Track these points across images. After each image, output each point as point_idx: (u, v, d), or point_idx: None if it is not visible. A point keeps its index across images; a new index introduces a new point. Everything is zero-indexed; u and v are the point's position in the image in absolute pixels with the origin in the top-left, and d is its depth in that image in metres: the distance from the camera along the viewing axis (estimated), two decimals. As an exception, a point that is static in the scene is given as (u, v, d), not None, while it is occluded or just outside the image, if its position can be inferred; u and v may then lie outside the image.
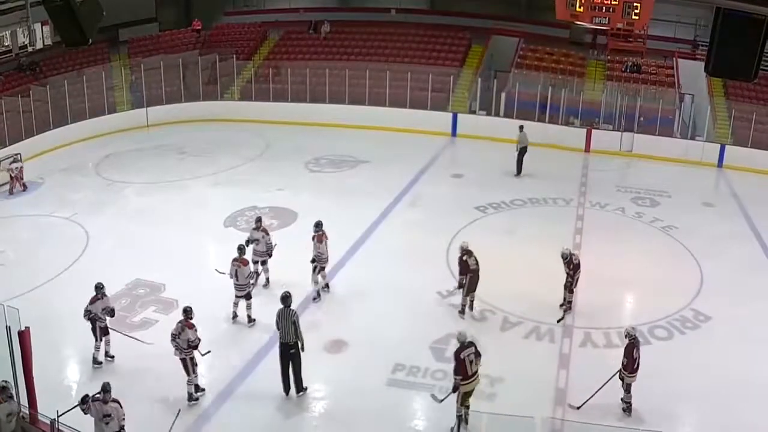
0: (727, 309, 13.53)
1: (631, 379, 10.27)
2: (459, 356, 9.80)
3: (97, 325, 11.27)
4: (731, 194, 20.65)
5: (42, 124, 23.00)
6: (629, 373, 10.22)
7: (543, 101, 24.39)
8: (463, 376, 9.76)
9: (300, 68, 26.92)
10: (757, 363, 11.72)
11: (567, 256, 13.07)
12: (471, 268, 12.82)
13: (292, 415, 10.57)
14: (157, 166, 21.63)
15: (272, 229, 16.25)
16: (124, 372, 11.20)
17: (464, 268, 12.85)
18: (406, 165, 21.60)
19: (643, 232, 17.56)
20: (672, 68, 25.59)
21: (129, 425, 8.68)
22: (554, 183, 20.41)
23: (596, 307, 13.53)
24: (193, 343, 10.41)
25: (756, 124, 22.78)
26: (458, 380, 9.76)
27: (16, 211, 18.19)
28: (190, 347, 10.42)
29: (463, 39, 28.41)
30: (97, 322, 11.25)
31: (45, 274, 14.37)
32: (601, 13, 25.33)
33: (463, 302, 13.12)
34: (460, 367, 9.76)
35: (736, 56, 6.00)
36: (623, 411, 10.38)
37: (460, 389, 9.79)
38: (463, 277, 12.89)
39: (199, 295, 13.56)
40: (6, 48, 25.93)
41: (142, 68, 26.02)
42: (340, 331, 12.48)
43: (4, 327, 8.66)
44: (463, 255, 12.91)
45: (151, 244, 15.82)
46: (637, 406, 10.38)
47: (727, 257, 15.97)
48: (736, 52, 5.98)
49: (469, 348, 9.90)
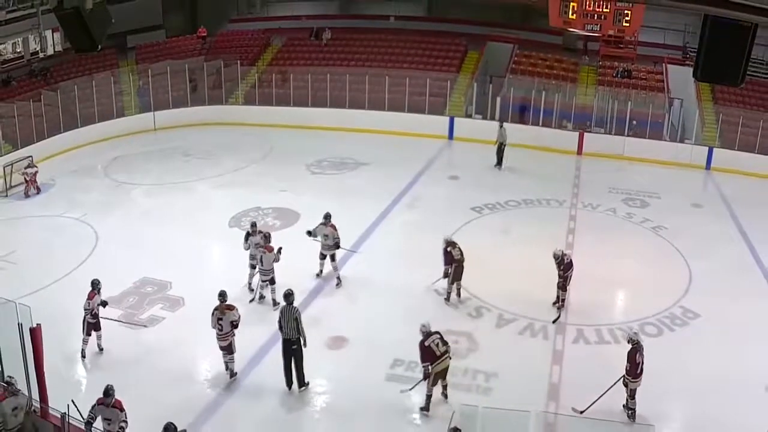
0: (715, 306, 13.52)
1: (636, 384, 10.03)
2: (424, 345, 10.14)
3: (87, 321, 11.41)
4: (719, 195, 20.65)
5: (53, 127, 23.00)
6: (633, 378, 9.98)
7: (537, 105, 24.40)
8: (431, 361, 10.08)
9: (302, 73, 26.92)
10: (744, 359, 11.71)
11: (559, 257, 13.13)
12: (456, 258, 13.25)
13: (295, 409, 10.58)
14: (163, 168, 21.63)
15: (275, 229, 16.34)
16: (129, 366, 11.22)
17: (449, 258, 13.26)
18: (405, 167, 21.59)
19: (634, 232, 17.56)
20: (661, 73, 25.60)
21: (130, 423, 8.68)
22: (547, 184, 20.40)
23: (588, 304, 13.52)
24: (236, 324, 10.76)
25: (743, 128, 22.78)
26: (427, 367, 10.08)
27: (27, 212, 18.20)
28: (233, 328, 10.75)
29: (459, 45, 28.41)
30: (87, 317, 11.39)
31: (56, 273, 14.38)
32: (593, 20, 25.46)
33: (449, 290, 13.49)
34: (427, 354, 10.09)
35: (724, 62, 5.99)
36: (628, 417, 10.13)
37: (432, 371, 10.08)
38: (448, 267, 13.28)
39: (204, 292, 13.59)
40: (18, 54, 26.01)
41: (149, 74, 26.02)
42: (340, 328, 12.48)
43: (16, 324, 8.67)
44: (447, 247, 13.33)
45: (157, 244, 15.83)
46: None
47: (715, 256, 15.97)
48: (723, 58, 5.97)
49: (434, 335, 10.26)
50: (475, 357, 11.78)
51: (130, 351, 11.70)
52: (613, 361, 11.56)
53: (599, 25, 24.06)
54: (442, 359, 10.20)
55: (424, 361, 10.12)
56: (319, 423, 10.48)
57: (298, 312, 10.71)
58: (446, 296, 13.49)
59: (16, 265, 14.90)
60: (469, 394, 10.70)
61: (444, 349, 10.22)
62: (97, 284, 11.53)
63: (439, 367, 10.19)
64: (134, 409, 8.71)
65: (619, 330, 12.65)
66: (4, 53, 25.66)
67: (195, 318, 12.74)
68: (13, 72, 25.20)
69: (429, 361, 10.09)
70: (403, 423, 10.33)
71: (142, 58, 28.03)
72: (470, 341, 12.23)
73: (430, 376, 10.12)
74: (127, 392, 8.94)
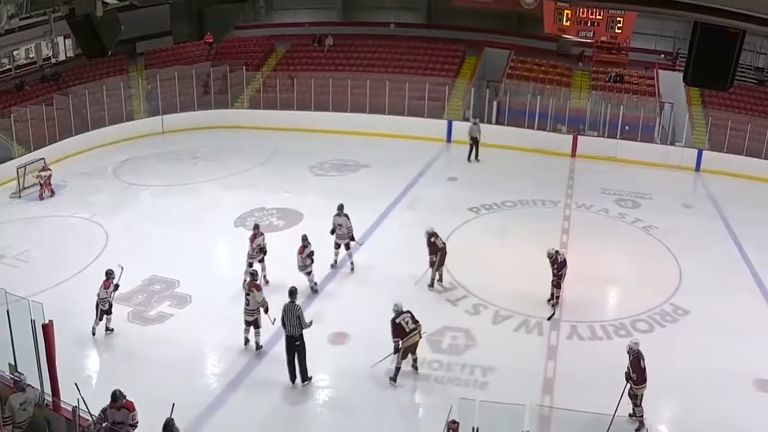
0: (705, 304, 13.51)
1: (642, 390, 9.76)
2: (395, 322, 10.69)
3: (100, 308, 11.85)
4: (708, 196, 20.63)
5: (64, 130, 23.01)
6: (640, 384, 9.72)
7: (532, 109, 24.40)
8: (401, 336, 10.63)
9: (305, 79, 26.93)
10: (732, 354, 11.70)
11: (552, 255, 13.14)
12: (439, 246, 13.71)
13: (298, 402, 10.59)
14: (171, 170, 21.62)
15: (279, 228, 16.36)
16: (137, 362, 11.23)
17: (434, 248, 13.67)
18: (405, 169, 21.58)
19: (626, 231, 17.54)
20: (653, 78, 25.56)
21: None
22: (542, 186, 20.38)
23: (582, 301, 13.52)
24: (262, 304, 11.28)
25: (731, 131, 22.75)
26: (397, 341, 10.65)
27: (39, 212, 18.20)
28: (259, 306, 11.27)
29: (457, 51, 28.37)
30: (100, 305, 11.85)
31: (67, 271, 14.38)
32: (587, 27, 25.44)
33: (433, 276, 13.86)
34: (398, 330, 10.65)
35: (713, 67, 5.98)
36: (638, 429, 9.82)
37: (402, 345, 10.64)
38: (433, 257, 13.63)
39: (210, 289, 13.66)
40: (31, 60, 26.00)
41: (157, 78, 26.01)
42: (342, 324, 12.48)
43: (29, 320, 8.67)
44: (431, 237, 13.72)
45: (166, 243, 15.83)
46: (619, 395, 10.33)
47: (704, 255, 15.96)
48: (712, 63, 5.96)
49: (405, 314, 10.77)
50: (472, 352, 11.79)
51: (138, 347, 11.71)
52: (606, 357, 11.63)
53: (593, 31, 24.14)
54: (411, 335, 10.71)
55: (395, 337, 10.66)
56: (321, 416, 10.48)
57: (299, 309, 10.76)
58: (430, 283, 13.86)
59: (29, 264, 14.93)
60: (467, 388, 10.71)
61: (414, 326, 10.75)
62: (111, 273, 12.00)
63: (409, 342, 10.71)
64: (142, 404, 8.70)
65: (611, 326, 12.67)
66: (18, 59, 25.65)
67: (202, 315, 12.80)
68: (26, 77, 25.21)
69: (399, 336, 10.64)
70: (403, 416, 10.34)
71: (150, 64, 28.03)
72: (468, 337, 12.23)
73: (400, 350, 10.64)
74: (135, 387, 8.94)
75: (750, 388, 10.87)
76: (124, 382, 8.83)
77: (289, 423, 10.32)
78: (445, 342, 12.05)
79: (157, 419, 8.22)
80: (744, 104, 24.27)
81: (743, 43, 5.78)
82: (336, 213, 14.42)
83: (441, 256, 13.70)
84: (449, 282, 14.12)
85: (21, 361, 9.02)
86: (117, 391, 8.46)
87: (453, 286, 14.04)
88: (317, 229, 14.48)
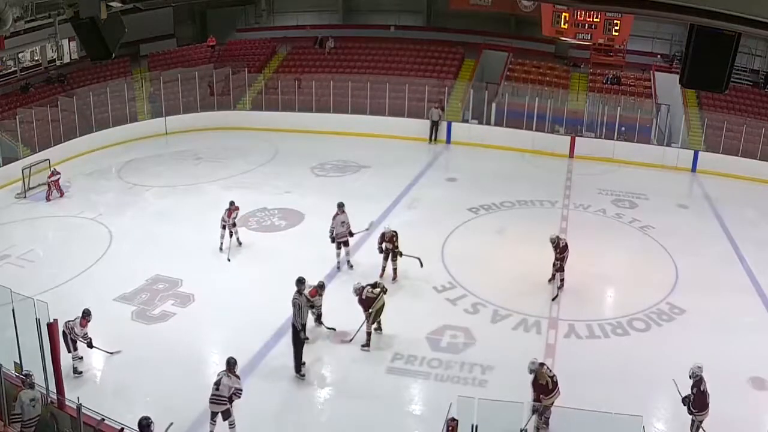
0: (701, 302, 13.51)
1: (704, 416, 9.21)
2: (362, 298, 11.51)
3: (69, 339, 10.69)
4: (704, 197, 20.62)
5: (69, 131, 22.99)
6: (701, 411, 9.15)
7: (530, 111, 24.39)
8: (369, 305, 11.44)
9: (306, 80, 26.92)
10: (728, 352, 11.68)
11: (555, 240, 13.46)
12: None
13: (298, 402, 10.57)
14: (174, 171, 21.61)
15: (281, 228, 16.33)
16: (142, 360, 11.21)
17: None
18: (405, 170, 21.56)
19: (623, 231, 17.53)
20: (649, 80, 25.56)
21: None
22: (541, 186, 20.36)
23: (579, 300, 13.52)
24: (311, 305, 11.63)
25: (727, 132, 22.74)
26: (369, 313, 11.48)
27: (44, 212, 18.18)
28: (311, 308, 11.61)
29: (456, 53, 28.36)
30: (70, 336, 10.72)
31: (71, 271, 14.37)
32: (584, 29, 25.41)
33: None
34: (365, 303, 11.48)
35: (709, 69, 5.97)
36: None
37: (372, 310, 11.46)
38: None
39: (214, 288, 13.65)
40: (36, 62, 25.94)
41: (161, 80, 25.99)
42: (344, 322, 12.45)
43: (34, 319, 8.67)
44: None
45: (169, 243, 15.81)
46: (616, 393, 10.33)
47: (700, 255, 15.95)
48: (708, 66, 5.95)
49: (366, 288, 11.53)
50: (471, 351, 11.78)
51: (143, 345, 11.67)
52: (603, 355, 11.64)
53: (590, 34, 24.14)
54: (378, 298, 11.52)
55: (365, 309, 11.41)
56: (323, 413, 10.46)
57: (304, 301, 10.95)
58: (382, 272, 14.00)
59: (34, 263, 14.91)
60: (465, 386, 10.70)
61: (378, 291, 11.52)
62: (89, 314, 10.87)
63: (378, 304, 11.54)
64: (145, 402, 8.70)
65: (609, 325, 12.66)
66: (23, 61, 25.63)
67: (205, 314, 12.79)
68: (32, 79, 25.19)
69: (365, 306, 11.43)
70: (403, 414, 10.32)
71: (154, 66, 28.01)
72: (467, 336, 12.22)
73: (370, 316, 11.45)
74: (140, 385, 8.94)
75: (746, 386, 10.86)
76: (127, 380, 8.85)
77: (291, 421, 10.28)
78: (444, 340, 12.04)
79: (160, 417, 8.22)
80: (739, 106, 24.26)
81: (739, 45, 5.77)
82: (336, 213, 14.37)
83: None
84: (449, 282, 14.04)
85: (26, 359, 9.02)
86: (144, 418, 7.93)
87: (453, 285, 14.02)
88: (317, 229, 14.47)
